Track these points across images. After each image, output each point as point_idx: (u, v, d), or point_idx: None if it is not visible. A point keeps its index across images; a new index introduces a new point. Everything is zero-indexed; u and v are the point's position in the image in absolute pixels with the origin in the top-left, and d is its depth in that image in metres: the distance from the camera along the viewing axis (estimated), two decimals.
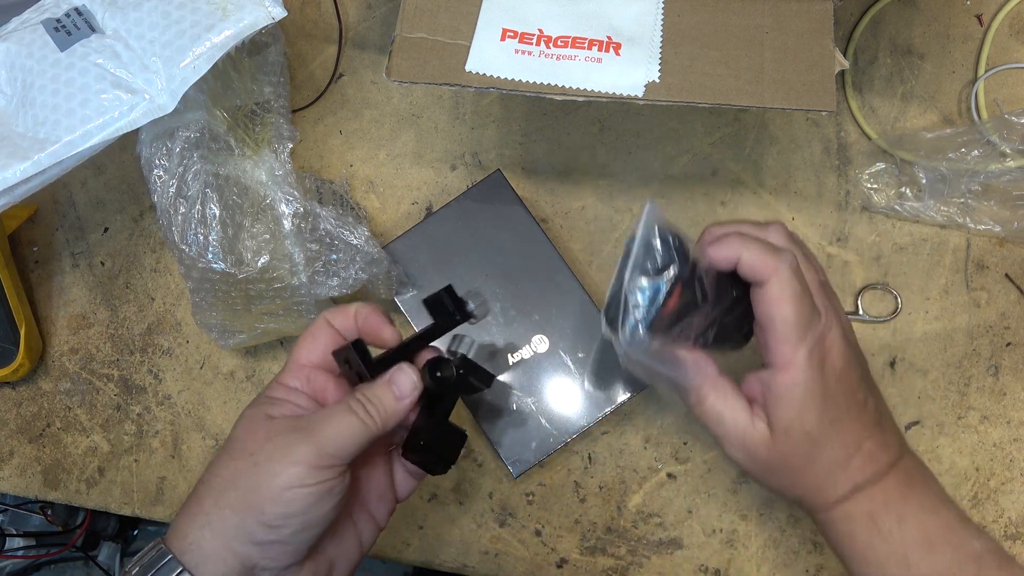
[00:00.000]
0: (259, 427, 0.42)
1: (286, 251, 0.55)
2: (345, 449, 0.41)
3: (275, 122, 0.58)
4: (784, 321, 0.43)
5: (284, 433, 0.41)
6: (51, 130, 0.50)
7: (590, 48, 0.51)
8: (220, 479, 0.41)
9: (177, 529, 0.41)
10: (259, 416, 0.43)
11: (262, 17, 0.51)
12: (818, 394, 0.43)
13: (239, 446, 0.42)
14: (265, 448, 0.41)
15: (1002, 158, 0.60)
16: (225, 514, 0.40)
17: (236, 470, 0.41)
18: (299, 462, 0.40)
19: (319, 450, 0.40)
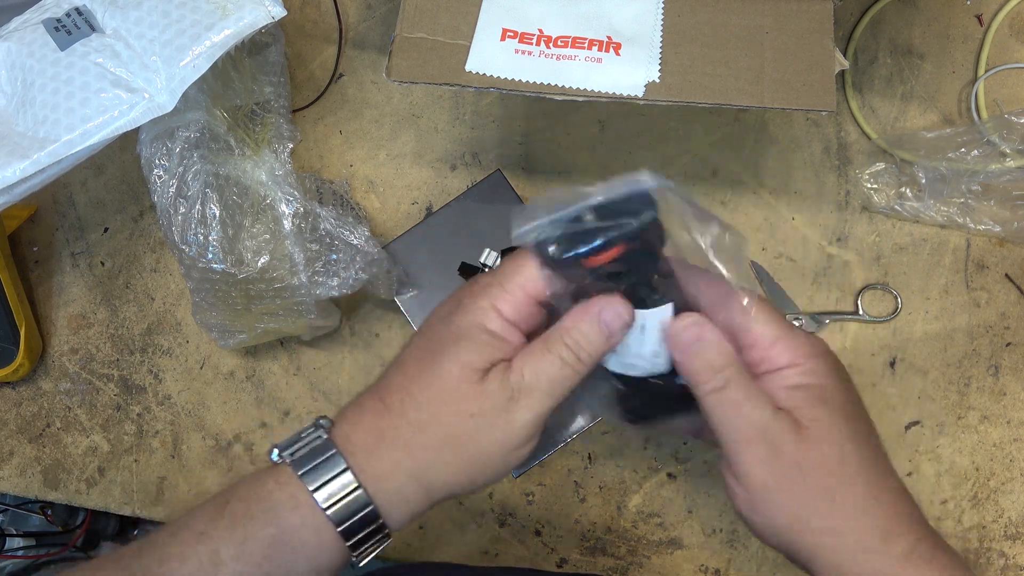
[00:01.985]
0: (472, 382, 0.39)
1: (286, 251, 0.55)
2: (555, 403, 0.40)
3: (275, 122, 0.58)
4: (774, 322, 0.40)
5: (501, 395, 0.39)
6: (51, 129, 0.50)
7: (590, 48, 0.51)
8: (430, 421, 0.39)
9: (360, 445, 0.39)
10: (470, 363, 0.39)
11: (262, 17, 0.51)
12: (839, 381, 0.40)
13: (451, 394, 0.39)
14: (484, 409, 0.39)
15: (1002, 158, 0.60)
16: (432, 464, 0.39)
17: (450, 424, 0.39)
18: (522, 426, 0.39)
19: (537, 416, 0.39)
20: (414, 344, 0.42)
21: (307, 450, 0.39)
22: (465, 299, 0.41)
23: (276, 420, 0.63)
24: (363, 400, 0.41)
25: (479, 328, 0.39)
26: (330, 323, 0.60)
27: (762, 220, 0.62)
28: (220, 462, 0.64)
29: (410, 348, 0.42)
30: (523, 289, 0.40)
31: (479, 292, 0.40)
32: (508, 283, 0.40)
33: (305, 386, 0.64)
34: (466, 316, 0.40)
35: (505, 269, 0.41)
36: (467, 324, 0.40)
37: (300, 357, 0.64)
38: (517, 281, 0.40)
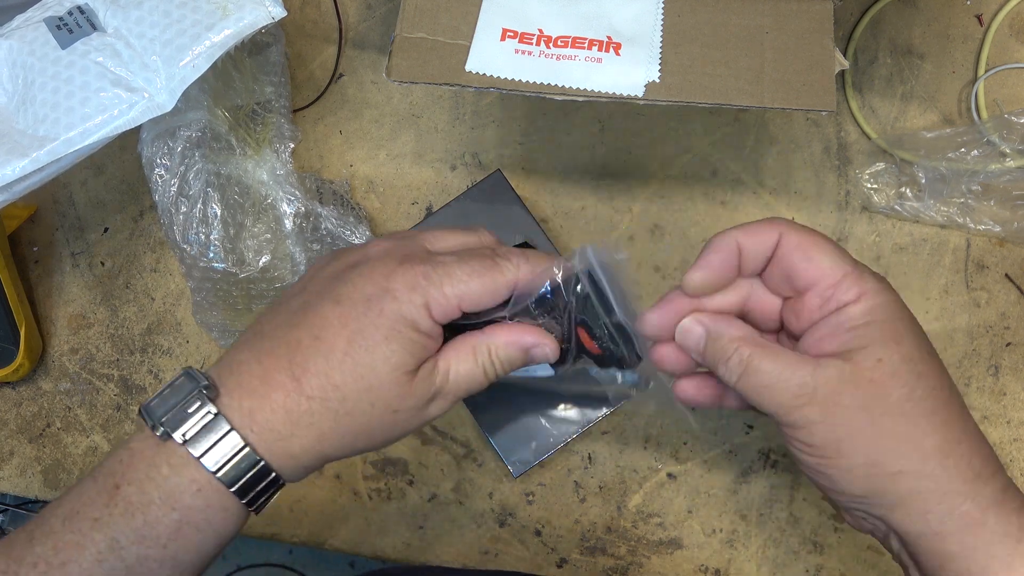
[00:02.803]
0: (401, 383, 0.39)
1: (287, 251, 0.55)
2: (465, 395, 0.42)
3: (276, 122, 0.58)
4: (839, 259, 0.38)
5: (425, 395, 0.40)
6: (51, 128, 0.50)
7: (590, 48, 0.51)
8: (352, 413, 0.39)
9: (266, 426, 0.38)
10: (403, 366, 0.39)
11: (262, 17, 0.51)
12: (908, 319, 0.37)
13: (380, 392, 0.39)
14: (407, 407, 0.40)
15: (1002, 158, 0.60)
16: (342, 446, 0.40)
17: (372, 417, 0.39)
18: (429, 417, 0.41)
19: (444, 411, 0.41)
20: (334, 318, 0.39)
21: (200, 428, 0.38)
22: (398, 289, 0.39)
23: None
24: (269, 371, 0.39)
25: (412, 327, 0.39)
26: None
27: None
28: None
29: (329, 322, 0.39)
30: (459, 300, 0.40)
31: (414, 286, 0.39)
32: (448, 288, 0.40)
33: None
34: (398, 308, 0.39)
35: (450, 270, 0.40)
36: (399, 320, 0.39)
37: None
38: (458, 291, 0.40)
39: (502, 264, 0.41)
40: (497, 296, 0.41)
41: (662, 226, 0.63)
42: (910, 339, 0.37)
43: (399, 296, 0.39)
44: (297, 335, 0.40)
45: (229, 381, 0.39)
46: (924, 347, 0.38)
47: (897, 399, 0.36)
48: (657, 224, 0.63)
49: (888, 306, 0.37)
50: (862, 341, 0.37)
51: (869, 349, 0.36)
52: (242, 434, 0.38)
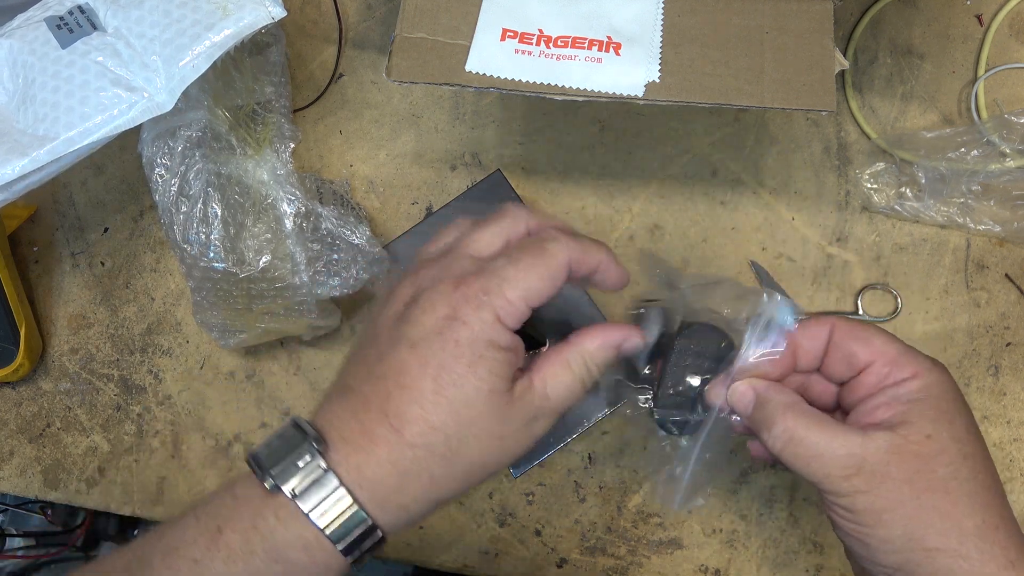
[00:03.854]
0: (500, 405, 0.38)
1: (288, 250, 0.55)
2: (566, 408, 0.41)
3: (276, 122, 0.58)
4: (894, 342, 0.40)
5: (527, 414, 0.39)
6: (50, 127, 0.50)
7: (590, 48, 0.51)
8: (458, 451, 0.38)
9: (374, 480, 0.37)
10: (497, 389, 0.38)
11: (262, 17, 0.51)
12: (960, 402, 0.38)
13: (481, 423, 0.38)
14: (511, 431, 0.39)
15: (1002, 158, 0.60)
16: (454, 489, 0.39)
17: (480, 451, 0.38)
18: (535, 436, 0.40)
19: (549, 428, 0.40)
20: (414, 363, 0.38)
21: (309, 482, 0.37)
22: (465, 313, 0.38)
23: (276, 420, 0.63)
24: (369, 425, 0.38)
25: (492, 346, 0.38)
26: (330, 323, 0.60)
27: (762, 220, 0.62)
28: (220, 462, 0.64)
29: (410, 368, 0.38)
30: (526, 301, 0.39)
31: (479, 305, 0.38)
32: (511, 293, 0.38)
33: (305, 386, 0.64)
34: (471, 333, 0.38)
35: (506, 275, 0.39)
36: (477, 342, 0.38)
37: (300, 357, 0.64)
38: (520, 292, 0.39)
39: (551, 248, 0.40)
40: (557, 282, 0.40)
41: (662, 226, 0.63)
42: (960, 419, 0.38)
43: (468, 319, 0.38)
44: (384, 386, 0.39)
45: (332, 435, 0.38)
46: (972, 429, 0.38)
47: (942, 476, 0.37)
48: (657, 224, 0.63)
49: (941, 385, 0.39)
50: (913, 416, 0.38)
51: (919, 424, 0.37)
52: (351, 491, 0.37)
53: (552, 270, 0.39)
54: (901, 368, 0.39)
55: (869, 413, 0.39)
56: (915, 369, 0.39)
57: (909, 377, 0.39)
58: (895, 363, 0.39)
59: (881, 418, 0.39)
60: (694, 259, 0.62)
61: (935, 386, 0.39)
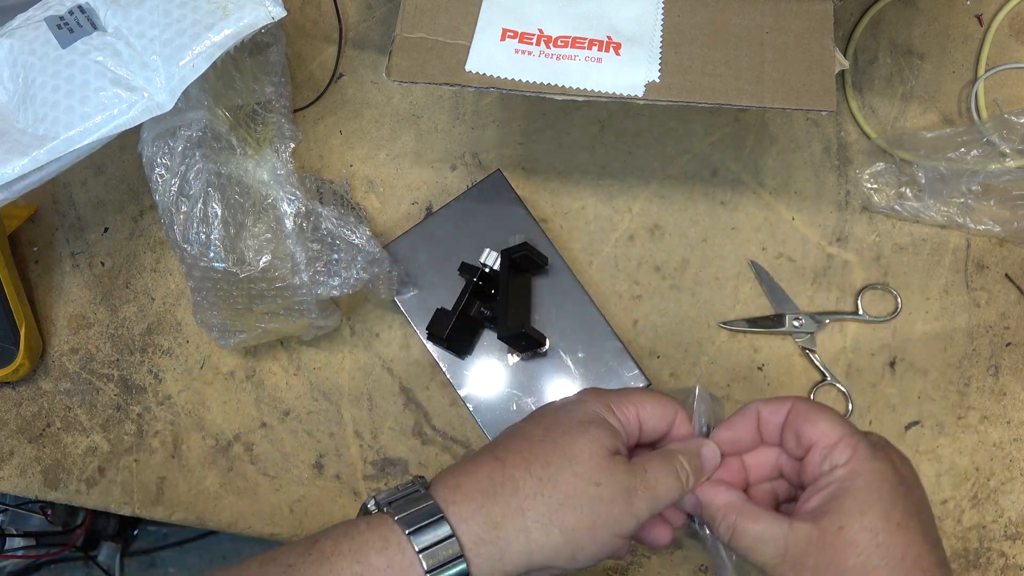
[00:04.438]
0: (601, 456, 0.42)
1: (288, 250, 0.55)
2: (657, 512, 0.43)
3: (277, 122, 0.58)
4: (838, 424, 0.42)
5: (625, 478, 0.42)
6: (50, 127, 0.50)
7: (590, 48, 0.51)
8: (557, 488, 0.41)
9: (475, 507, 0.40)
10: (599, 441, 0.42)
11: (262, 17, 0.51)
12: (886, 490, 0.40)
13: (582, 464, 0.41)
14: (608, 482, 0.41)
15: (1002, 158, 0.60)
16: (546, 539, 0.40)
17: (574, 485, 0.41)
18: (636, 515, 0.42)
19: (649, 513, 0.42)
20: (531, 424, 0.44)
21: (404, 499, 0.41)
22: (585, 397, 0.45)
23: (276, 420, 0.63)
24: (476, 457, 0.43)
25: (601, 419, 0.43)
26: (330, 323, 0.60)
27: (762, 220, 0.62)
28: (220, 462, 0.64)
29: (527, 427, 0.44)
30: (637, 411, 0.45)
31: (597, 394, 0.45)
32: (626, 399, 0.45)
33: (305, 386, 0.64)
34: (587, 409, 0.44)
35: (627, 391, 0.46)
36: (590, 414, 0.44)
37: (300, 357, 0.64)
38: (633, 403, 0.45)
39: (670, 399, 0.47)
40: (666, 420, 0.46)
41: (662, 226, 0.63)
42: (880, 509, 0.39)
43: (587, 401, 0.45)
44: (502, 440, 0.44)
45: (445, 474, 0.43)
46: (895, 518, 0.39)
47: (852, 566, 0.39)
48: (657, 224, 0.63)
49: (871, 474, 0.40)
50: (833, 506, 0.40)
51: (834, 516, 0.39)
52: (441, 505, 0.40)
53: (666, 411, 0.46)
54: (839, 453, 0.41)
55: (806, 499, 0.42)
56: (849, 455, 0.41)
57: (841, 464, 0.41)
58: (834, 448, 0.41)
59: (811, 506, 0.41)
60: (694, 259, 0.62)
61: (862, 476, 0.40)
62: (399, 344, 0.63)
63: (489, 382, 0.59)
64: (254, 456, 0.63)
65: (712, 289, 0.62)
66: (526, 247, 0.57)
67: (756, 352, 0.61)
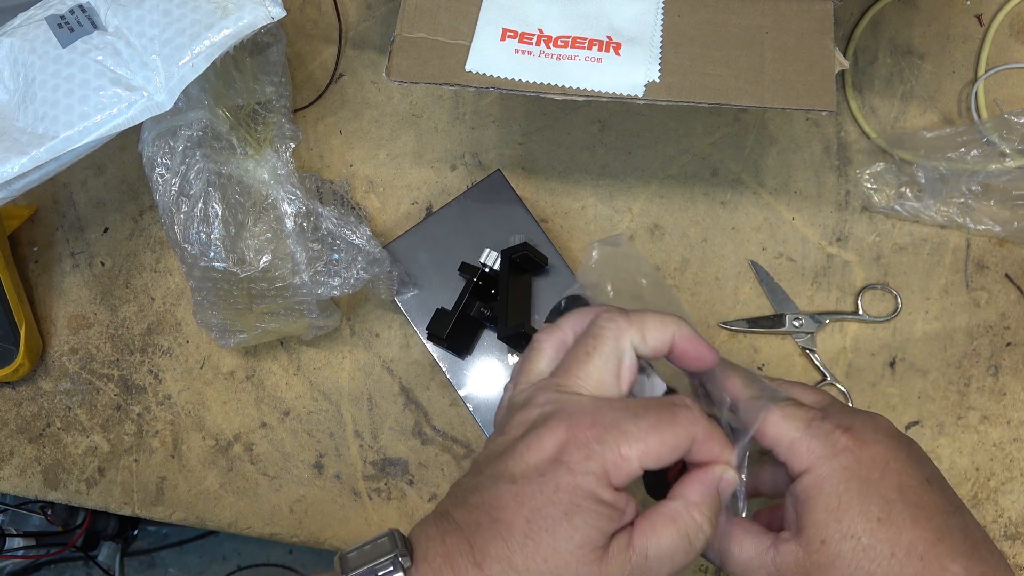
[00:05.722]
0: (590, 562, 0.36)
1: (288, 250, 0.55)
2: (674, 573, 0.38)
3: (277, 122, 0.58)
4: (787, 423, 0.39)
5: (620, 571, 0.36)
6: (50, 126, 0.50)
7: (590, 48, 0.51)
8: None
9: None
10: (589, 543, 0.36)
11: (262, 16, 0.51)
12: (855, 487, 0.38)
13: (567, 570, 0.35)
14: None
15: (1002, 158, 0.60)
16: None
17: None
18: None
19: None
20: (511, 500, 0.37)
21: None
22: (573, 459, 0.36)
23: (276, 420, 0.63)
24: (453, 555, 0.37)
25: (593, 499, 0.36)
26: (331, 323, 0.60)
27: (762, 220, 0.62)
28: (220, 462, 0.64)
29: (507, 504, 0.37)
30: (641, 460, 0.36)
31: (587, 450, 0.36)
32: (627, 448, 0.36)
33: (305, 386, 0.64)
34: (574, 481, 0.36)
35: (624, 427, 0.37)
36: (577, 494, 0.36)
37: (300, 357, 0.64)
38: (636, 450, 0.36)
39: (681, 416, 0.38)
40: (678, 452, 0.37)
41: (662, 226, 0.63)
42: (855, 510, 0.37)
43: (573, 467, 0.36)
44: (476, 517, 0.37)
45: (418, 554, 0.38)
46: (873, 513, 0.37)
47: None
48: (657, 224, 0.63)
49: (833, 475, 0.38)
50: (806, 520, 0.38)
51: (812, 530, 0.38)
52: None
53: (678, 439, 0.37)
54: (795, 460, 0.39)
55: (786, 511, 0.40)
56: (808, 460, 0.39)
57: (804, 471, 0.39)
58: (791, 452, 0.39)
59: (788, 520, 0.40)
60: (694, 259, 0.62)
61: (827, 479, 0.38)
62: (399, 344, 0.63)
63: (489, 382, 0.59)
64: (254, 456, 0.63)
65: (712, 289, 0.62)
66: (526, 247, 0.57)
67: (756, 352, 0.61)
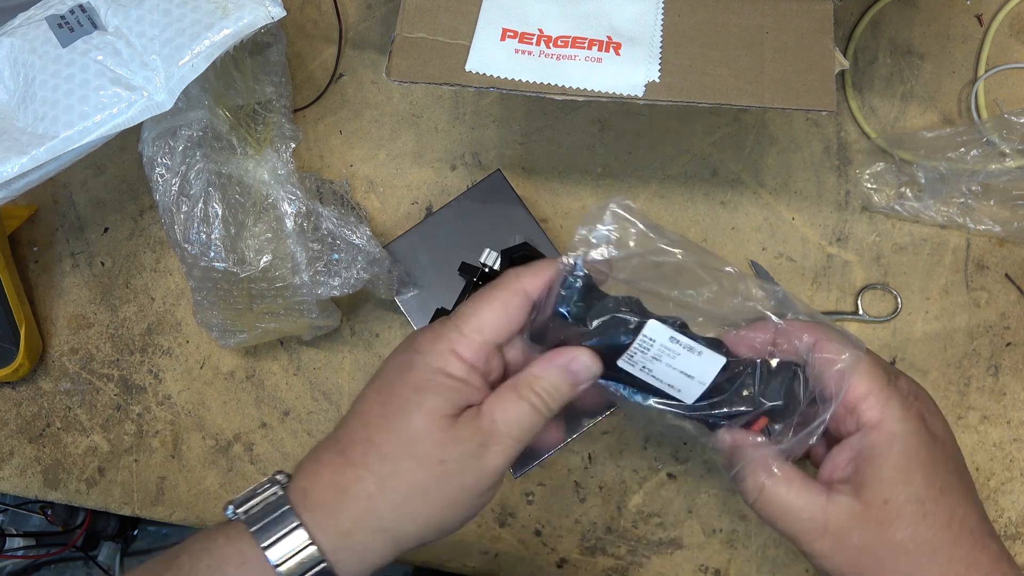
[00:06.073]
0: (442, 429, 0.38)
1: (288, 250, 0.55)
2: (523, 447, 0.40)
3: (277, 122, 0.58)
4: (868, 375, 0.38)
5: (473, 441, 0.38)
6: (49, 125, 0.50)
7: (590, 48, 0.51)
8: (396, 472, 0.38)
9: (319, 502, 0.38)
10: (439, 410, 0.38)
11: (261, 16, 0.51)
12: (924, 453, 0.37)
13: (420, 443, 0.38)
14: (455, 456, 0.38)
15: (1002, 158, 0.60)
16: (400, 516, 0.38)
17: (419, 473, 0.38)
18: (494, 470, 0.39)
19: (508, 460, 0.39)
20: (372, 393, 0.40)
21: (261, 507, 0.38)
22: (422, 344, 0.40)
23: (276, 420, 0.63)
24: (321, 453, 0.40)
25: (442, 374, 0.39)
26: (330, 323, 0.60)
27: (762, 220, 0.62)
28: (220, 462, 0.64)
29: (368, 397, 0.40)
30: (481, 334, 0.39)
31: (436, 336, 0.40)
32: (465, 327, 0.39)
33: (305, 386, 0.64)
34: (426, 361, 0.39)
35: (463, 312, 0.40)
36: (429, 370, 0.39)
37: (300, 357, 0.64)
38: (474, 326, 0.39)
39: (502, 280, 0.40)
40: (511, 314, 0.40)
41: (662, 226, 0.63)
42: (922, 475, 0.37)
43: (422, 349, 0.40)
44: (347, 419, 0.41)
45: (297, 471, 0.40)
46: (937, 482, 0.37)
47: (901, 540, 0.37)
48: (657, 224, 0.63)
49: (907, 437, 0.38)
50: (871, 476, 0.37)
51: (876, 487, 0.37)
52: (296, 512, 0.38)
53: (503, 301, 0.40)
54: (868, 411, 0.38)
55: (835, 465, 0.39)
56: (880, 415, 0.38)
57: (872, 426, 0.38)
58: (865, 404, 0.38)
59: (844, 474, 0.39)
60: None
61: (900, 440, 0.38)
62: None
63: None
64: (254, 456, 0.63)
65: None
66: (526, 247, 0.57)
67: None
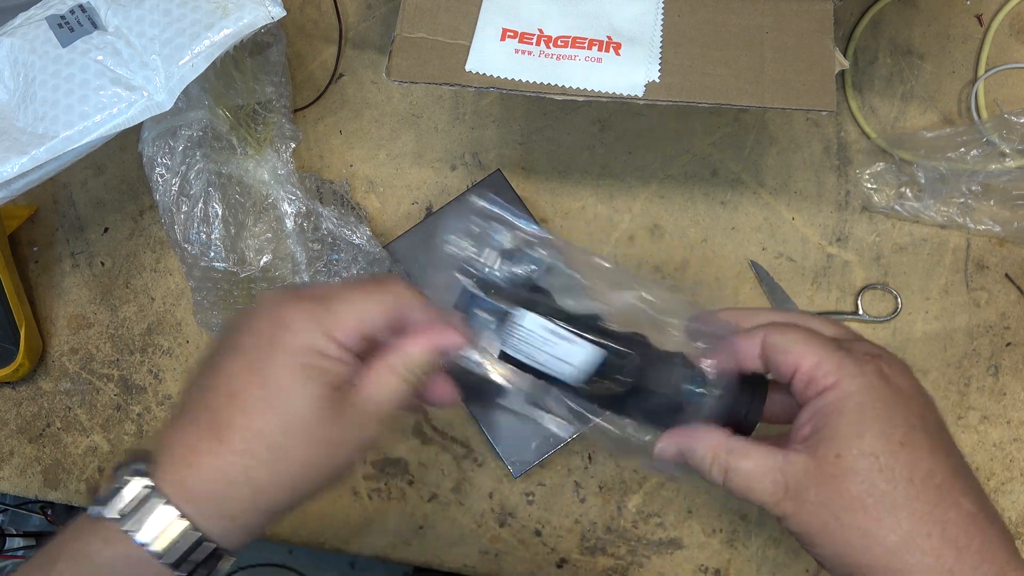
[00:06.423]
0: (323, 410, 0.38)
1: (288, 250, 0.55)
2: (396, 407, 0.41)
3: (277, 122, 0.58)
4: (813, 344, 0.39)
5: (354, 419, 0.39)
6: (49, 125, 0.50)
7: (590, 48, 0.51)
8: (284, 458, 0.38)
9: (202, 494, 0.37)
10: (322, 393, 0.38)
11: (261, 16, 0.51)
12: (880, 407, 0.37)
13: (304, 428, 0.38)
14: (338, 435, 0.38)
15: (1002, 158, 0.60)
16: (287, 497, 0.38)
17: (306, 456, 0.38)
18: (360, 441, 0.39)
19: (385, 426, 0.40)
20: (240, 370, 0.39)
21: (135, 503, 0.37)
22: (293, 321, 0.39)
23: None
24: (189, 438, 0.38)
25: (318, 355, 0.39)
26: None
27: (762, 220, 0.62)
28: None
29: (236, 375, 0.39)
30: (357, 319, 0.39)
31: (308, 315, 0.39)
32: (342, 308, 0.40)
33: None
34: (296, 340, 0.39)
35: (338, 295, 0.40)
36: (301, 351, 0.38)
37: None
38: (352, 309, 0.40)
39: (389, 283, 0.42)
40: (388, 311, 0.41)
41: (662, 226, 0.63)
42: (877, 429, 0.37)
43: (295, 327, 0.39)
44: (212, 398, 0.39)
45: (162, 456, 0.38)
46: (896, 436, 0.37)
47: (857, 494, 0.36)
48: (657, 224, 0.63)
49: (862, 393, 0.37)
50: (826, 433, 0.37)
51: (829, 443, 0.37)
52: (176, 505, 0.37)
53: (385, 303, 0.41)
54: (822, 375, 0.38)
55: (798, 428, 0.39)
56: (835, 377, 0.38)
57: (829, 387, 0.38)
58: (816, 370, 0.38)
59: (804, 435, 0.38)
60: (694, 259, 0.62)
61: (854, 395, 0.37)
62: None
63: None
64: None
65: (712, 289, 0.62)
66: None
67: None
